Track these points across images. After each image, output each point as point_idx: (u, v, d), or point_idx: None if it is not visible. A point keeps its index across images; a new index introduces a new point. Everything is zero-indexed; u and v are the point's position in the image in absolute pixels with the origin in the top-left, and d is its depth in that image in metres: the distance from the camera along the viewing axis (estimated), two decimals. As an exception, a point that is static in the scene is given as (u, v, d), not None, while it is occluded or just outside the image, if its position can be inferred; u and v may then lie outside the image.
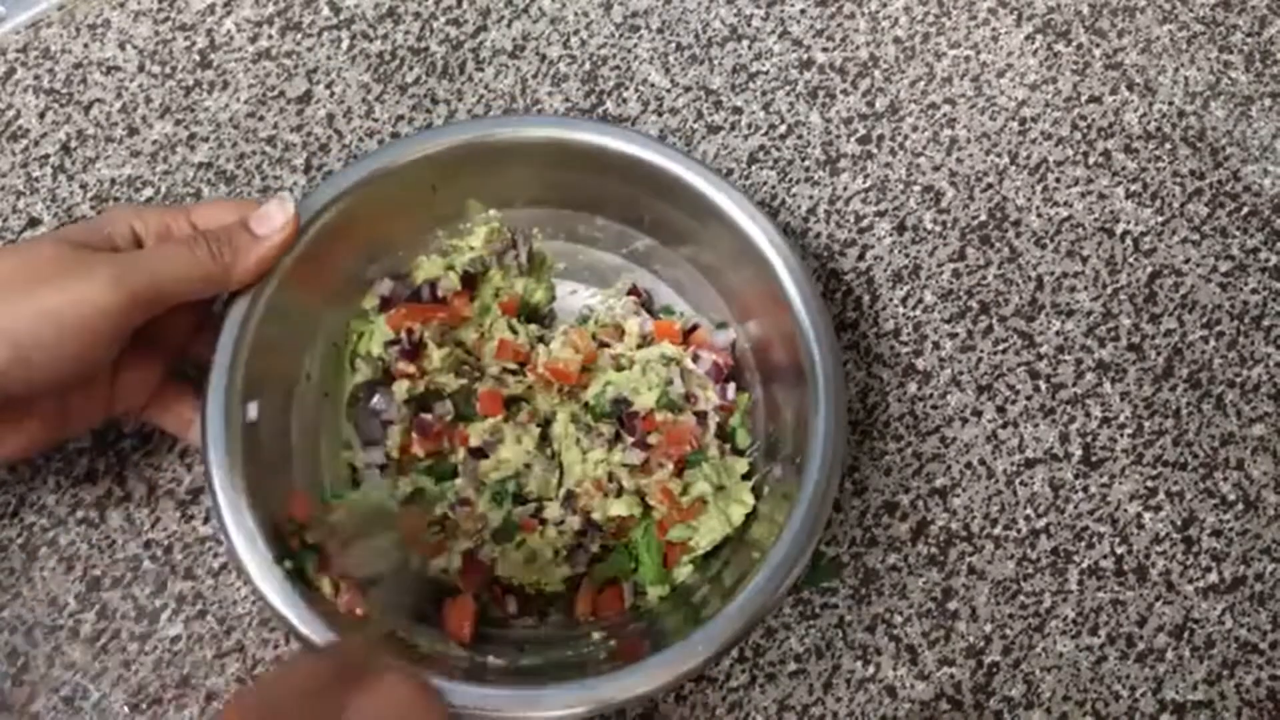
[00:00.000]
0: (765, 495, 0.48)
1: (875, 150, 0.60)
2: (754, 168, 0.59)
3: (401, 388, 0.50)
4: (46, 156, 0.58)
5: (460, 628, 0.46)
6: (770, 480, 0.48)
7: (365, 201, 0.49)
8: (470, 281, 0.52)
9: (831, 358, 0.46)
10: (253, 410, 0.45)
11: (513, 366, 0.51)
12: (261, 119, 0.59)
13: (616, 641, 0.46)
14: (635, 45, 0.61)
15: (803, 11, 0.63)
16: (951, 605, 0.52)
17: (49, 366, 0.41)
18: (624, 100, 0.60)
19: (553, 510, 0.49)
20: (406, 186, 0.50)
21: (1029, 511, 0.53)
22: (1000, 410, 0.55)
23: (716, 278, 0.52)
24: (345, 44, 0.61)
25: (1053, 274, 0.58)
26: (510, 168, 0.51)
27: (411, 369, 0.50)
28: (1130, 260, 0.58)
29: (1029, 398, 0.55)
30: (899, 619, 0.51)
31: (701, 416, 0.50)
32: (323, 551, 0.45)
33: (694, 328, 0.53)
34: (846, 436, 0.47)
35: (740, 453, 0.51)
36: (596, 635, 0.47)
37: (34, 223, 0.56)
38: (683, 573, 0.48)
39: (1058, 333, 0.57)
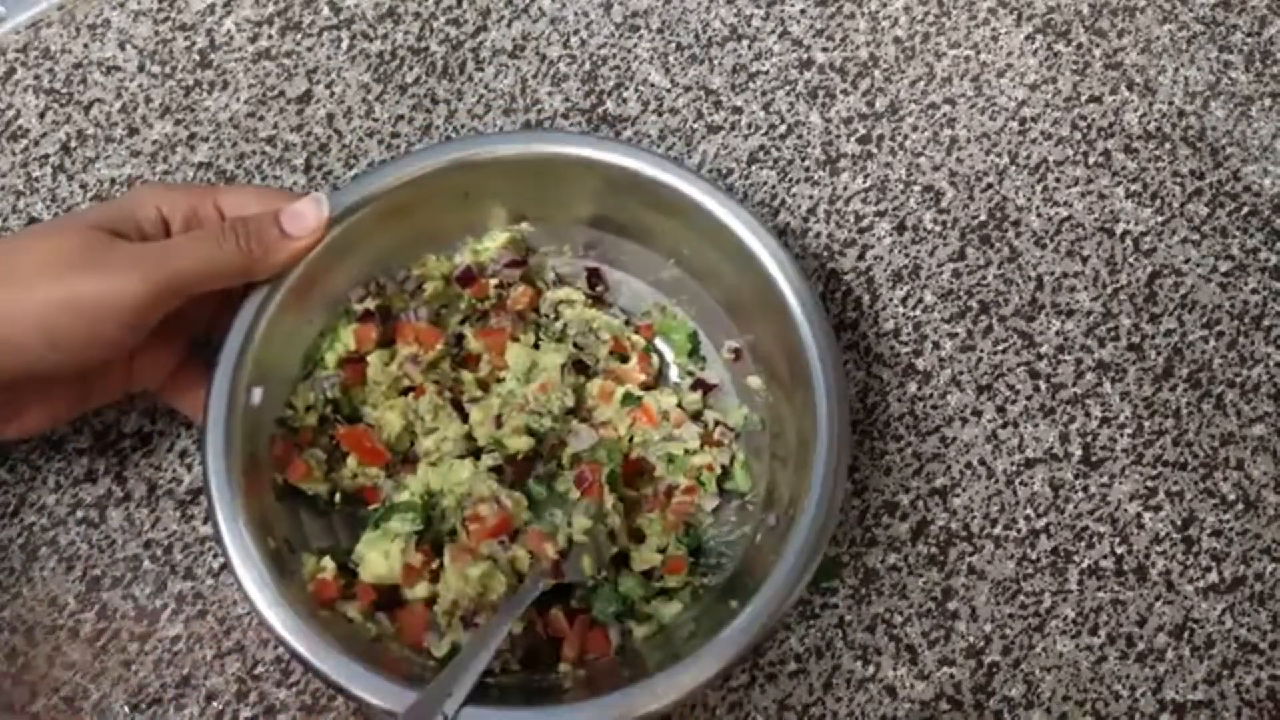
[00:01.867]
0: (758, 543, 0.48)
1: (875, 150, 0.60)
2: (754, 168, 0.59)
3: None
4: (46, 156, 0.58)
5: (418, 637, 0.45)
6: (763, 529, 0.48)
7: (397, 202, 0.49)
8: (468, 279, 0.52)
9: (840, 406, 0.46)
10: (257, 395, 0.46)
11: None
12: (261, 119, 0.59)
13: (586, 672, 0.46)
14: (635, 45, 0.61)
15: (803, 11, 0.63)
16: (951, 605, 0.52)
17: (76, 352, 0.42)
18: (624, 100, 0.60)
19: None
20: (440, 191, 0.50)
21: (1029, 511, 0.53)
22: (1000, 410, 0.55)
23: (736, 311, 0.52)
24: (345, 44, 0.61)
25: (1053, 274, 0.58)
26: (545, 183, 0.51)
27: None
28: (1130, 260, 0.58)
29: (1029, 398, 0.55)
30: (899, 619, 0.51)
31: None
32: None
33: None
34: (846, 481, 0.47)
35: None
36: (564, 667, 0.46)
37: (33, 223, 0.56)
38: (669, 612, 0.48)
39: (1058, 333, 0.57)
